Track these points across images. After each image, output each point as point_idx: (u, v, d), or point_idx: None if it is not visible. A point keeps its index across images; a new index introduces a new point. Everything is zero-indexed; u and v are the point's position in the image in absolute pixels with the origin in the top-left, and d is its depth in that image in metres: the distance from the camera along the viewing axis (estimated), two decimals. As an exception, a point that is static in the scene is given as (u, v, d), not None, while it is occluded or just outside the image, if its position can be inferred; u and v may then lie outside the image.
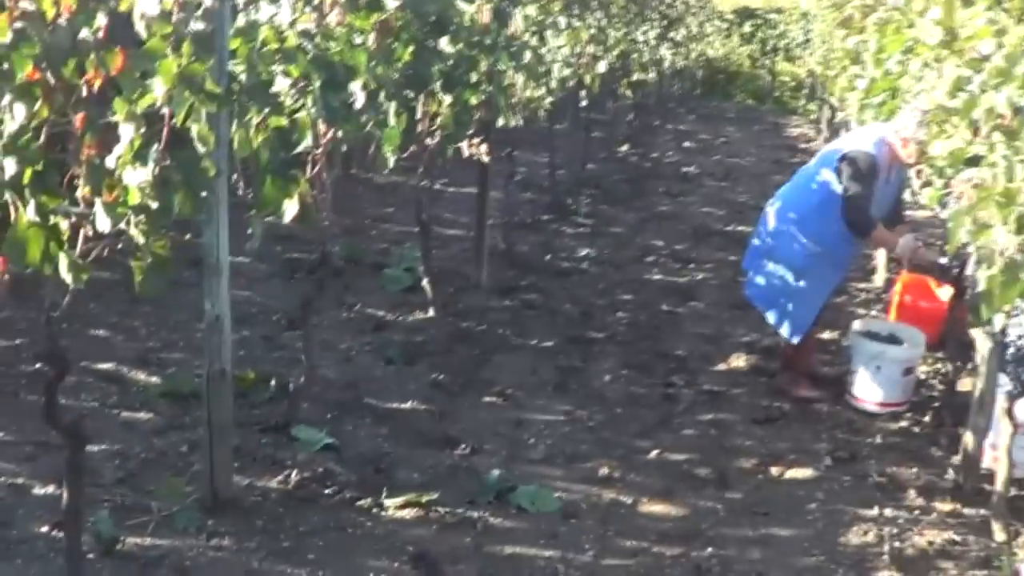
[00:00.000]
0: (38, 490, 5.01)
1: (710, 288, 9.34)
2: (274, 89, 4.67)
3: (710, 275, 9.77)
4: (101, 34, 3.29)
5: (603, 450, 5.92)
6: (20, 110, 3.22)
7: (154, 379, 6.29)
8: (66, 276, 3.42)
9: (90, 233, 3.55)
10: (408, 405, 6.28)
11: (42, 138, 3.31)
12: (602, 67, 11.96)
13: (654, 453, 5.94)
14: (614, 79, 14.69)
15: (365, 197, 11.39)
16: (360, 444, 5.71)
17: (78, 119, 3.33)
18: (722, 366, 7.37)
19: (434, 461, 5.61)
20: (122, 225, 3.59)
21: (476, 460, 5.66)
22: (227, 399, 4.86)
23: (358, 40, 5.23)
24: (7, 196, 3.27)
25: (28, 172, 3.29)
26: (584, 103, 13.06)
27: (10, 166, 3.24)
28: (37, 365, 5.95)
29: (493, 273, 8.80)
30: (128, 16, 3.51)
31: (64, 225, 3.43)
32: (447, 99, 6.36)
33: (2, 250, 3.32)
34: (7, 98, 3.21)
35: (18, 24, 3.13)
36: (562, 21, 9.73)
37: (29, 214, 3.32)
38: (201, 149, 3.87)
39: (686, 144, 18.60)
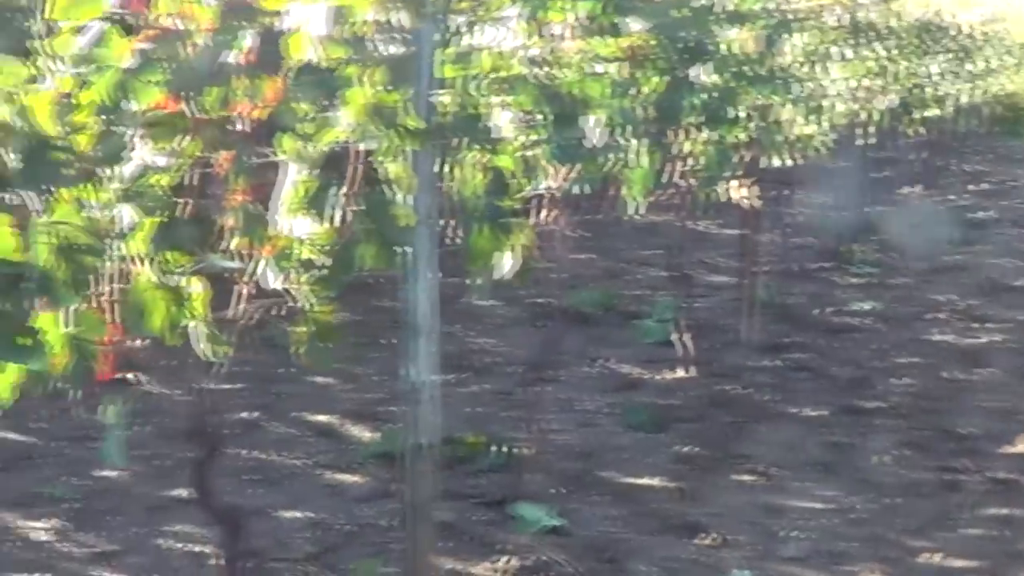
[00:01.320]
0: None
1: (1004, 353, 8.27)
2: (493, 123, 4.08)
3: (1005, 337, 8.69)
4: (248, 57, 2.72)
5: (872, 550, 5.08)
6: (141, 148, 2.67)
7: (371, 436, 5.82)
8: (201, 349, 2.86)
9: (243, 293, 3.02)
10: (650, 481, 5.60)
11: (166, 181, 2.76)
12: (886, 102, 11.02)
13: (931, 557, 5.06)
14: (899, 115, 13.63)
15: (622, 237, 10.75)
16: (590, 527, 5.07)
17: (222, 158, 2.77)
18: (1018, 448, 6.35)
19: (673, 552, 4.92)
20: (279, 285, 3.02)
21: (721, 554, 4.94)
22: (427, 476, 4.30)
23: (598, 69, 4.60)
24: (123, 251, 2.72)
25: (149, 223, 2.74)
26: (865, 141, 12.09)
27: (128, 215, 2.68)
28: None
29: (758, 327, 8.00)
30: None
31: (197, 288, 2.87)
32: (703, 136, 5.67)
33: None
34: (127, 133, 2.66)
35: (143, 45, 2.58)
36: (841, 51, 8.89)
37: (149, 273, 2.77)
38: (395, 194, 3.29)
39: (978, 187, 17.31)
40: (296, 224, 3.17)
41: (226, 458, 5.48)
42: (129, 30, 2.68)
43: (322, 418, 6.06)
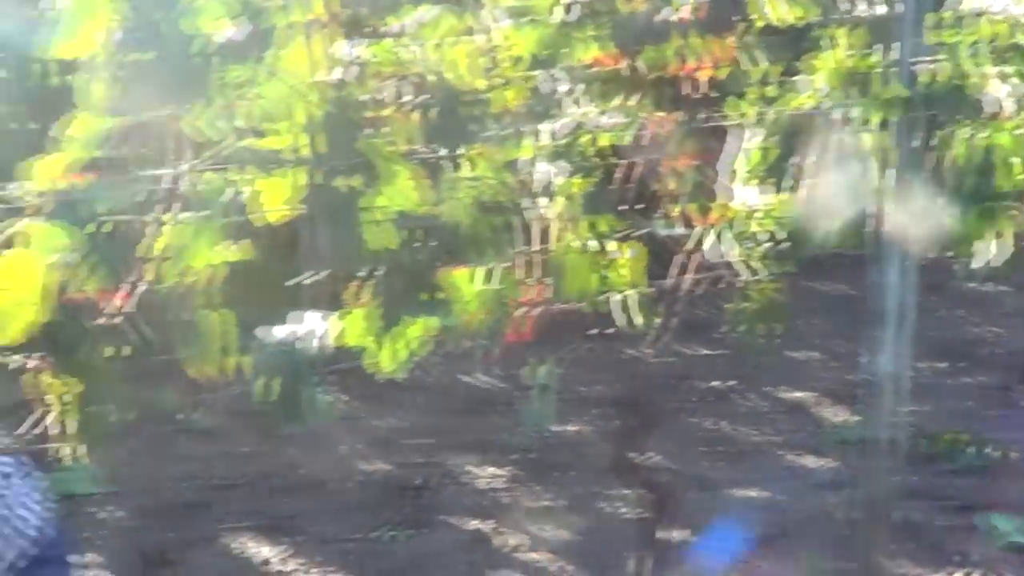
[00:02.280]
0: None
1: None
2: (990, 96, 3.71)
3: None
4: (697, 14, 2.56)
5: None
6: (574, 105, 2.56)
7: (844, 419, 5.52)
8: (624, 316, 2.74)
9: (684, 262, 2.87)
10: None
11: (604, 141, 2.64)
12: None
13: None
14: None
15: None
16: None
17: (666, 120, 2.62)
18: None
19: None
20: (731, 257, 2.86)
21: None
22: (886, 472, 4.01)
23: None
24: (547, 210, 2.62)
25: (577, 183, 2.63)
26: None
27: (552, 174, 2.58)
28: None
29: None
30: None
31: (631, 254, 2.74)
32: None
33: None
34: (558, 89, 2.56)
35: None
36: None
37: (574, 235, 2.66)
38: (867, 167, 3.06)
39: None
40: (748, 193, 3.00)
41: (690, 427, 5.41)
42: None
43: (796, 395, 5.80)
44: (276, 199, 2.32)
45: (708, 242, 3.03)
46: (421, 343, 2.47)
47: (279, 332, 2.32)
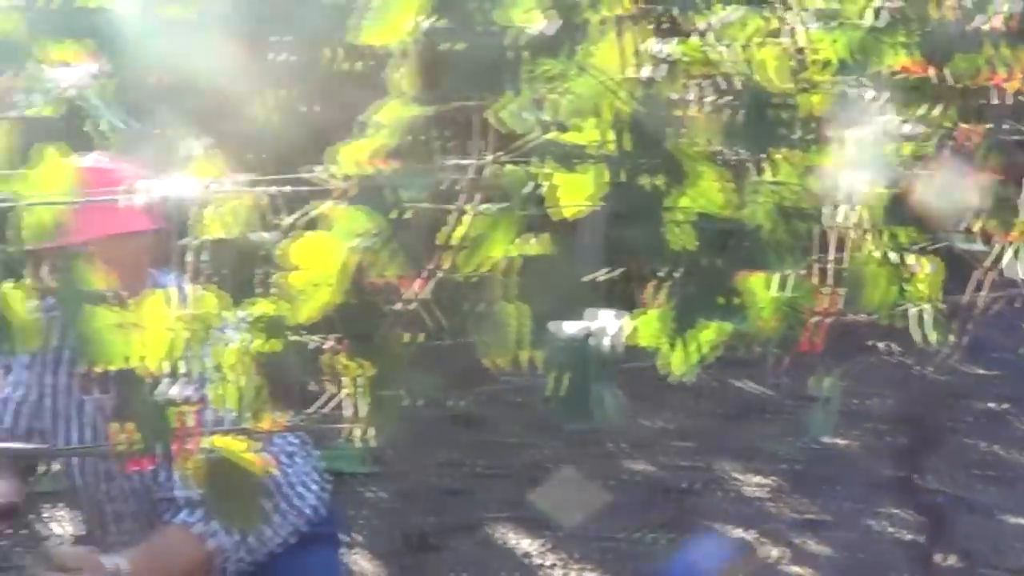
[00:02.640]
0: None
1: None
2: None
3: None
4: (1009, 24, 2.43)
5: None
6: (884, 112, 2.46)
7: None
8: (919, 332, 2.63)
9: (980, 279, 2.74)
10: None
11: (908, 151, 2.52)
12: None
13: None
14: None
15: None
16: None
17: (970, 132, 2.50)
18: None
19: None
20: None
21: None
22: None
23: None
24: (848, 219, 2.52)
25: (881, 193, 2.52)
26: None
27: (856, 181, 2.48)
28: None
29: None
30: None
31: (927, 268, 2.62)
32: None
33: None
34: (866, 96, 2.46)
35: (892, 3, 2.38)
36: None
37: (874, 246, 2.56)
38: None
39: None
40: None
41: (963, 448, 5.19)
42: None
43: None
44: (576, 194, 2.30)
45: (1007, 259, 2.88)
46: (713, 347, 2.41)
47: (571, 328, 2.29)
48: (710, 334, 2.39)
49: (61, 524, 5.50)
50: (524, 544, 4.40)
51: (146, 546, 3.48)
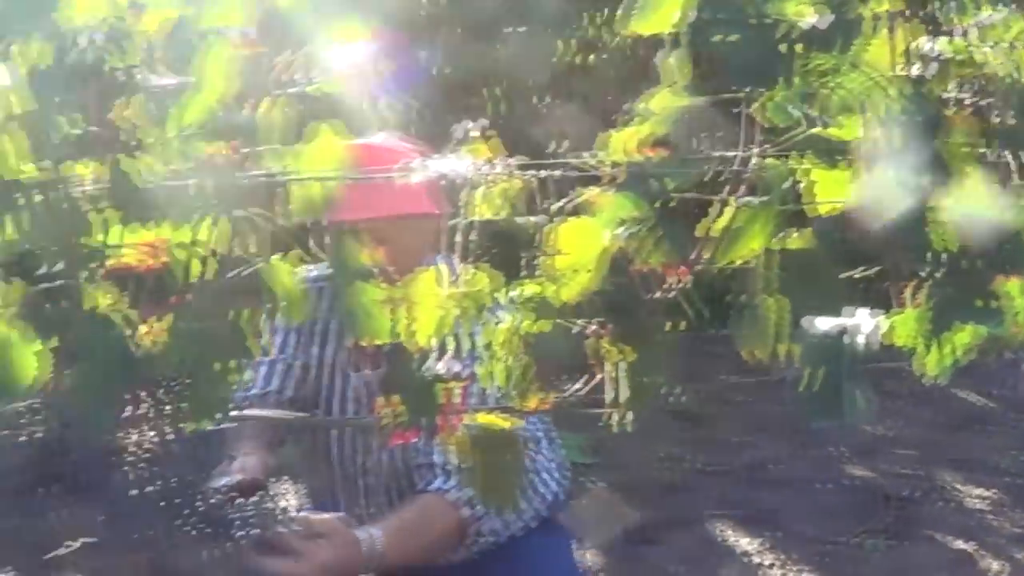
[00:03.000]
0: None
1: None
2: None
3: None
4: None
5: None
6: None
7: None
8: None
9: None
10: None
11: None
12: None
13: None
14: None
15: None
16: None
17: None
18: None
19: None
20: None
21: None
22: None
23: None
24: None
25: None
26: None
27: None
28: None
29: None
30: None
31: None
32: None
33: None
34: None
35: None
36: None
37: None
38: None
39: None
40: None
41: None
42: None
43: None
44: (836, 191, 2.30)
45: None
46: (967, 350, 2.39)
47: (824, 324, 2.30)
48: (965, 337, 2.37)
49: (285, 498, 5.67)
50: (743, 542, 4.39)
51: (400, 515, 3.51)
